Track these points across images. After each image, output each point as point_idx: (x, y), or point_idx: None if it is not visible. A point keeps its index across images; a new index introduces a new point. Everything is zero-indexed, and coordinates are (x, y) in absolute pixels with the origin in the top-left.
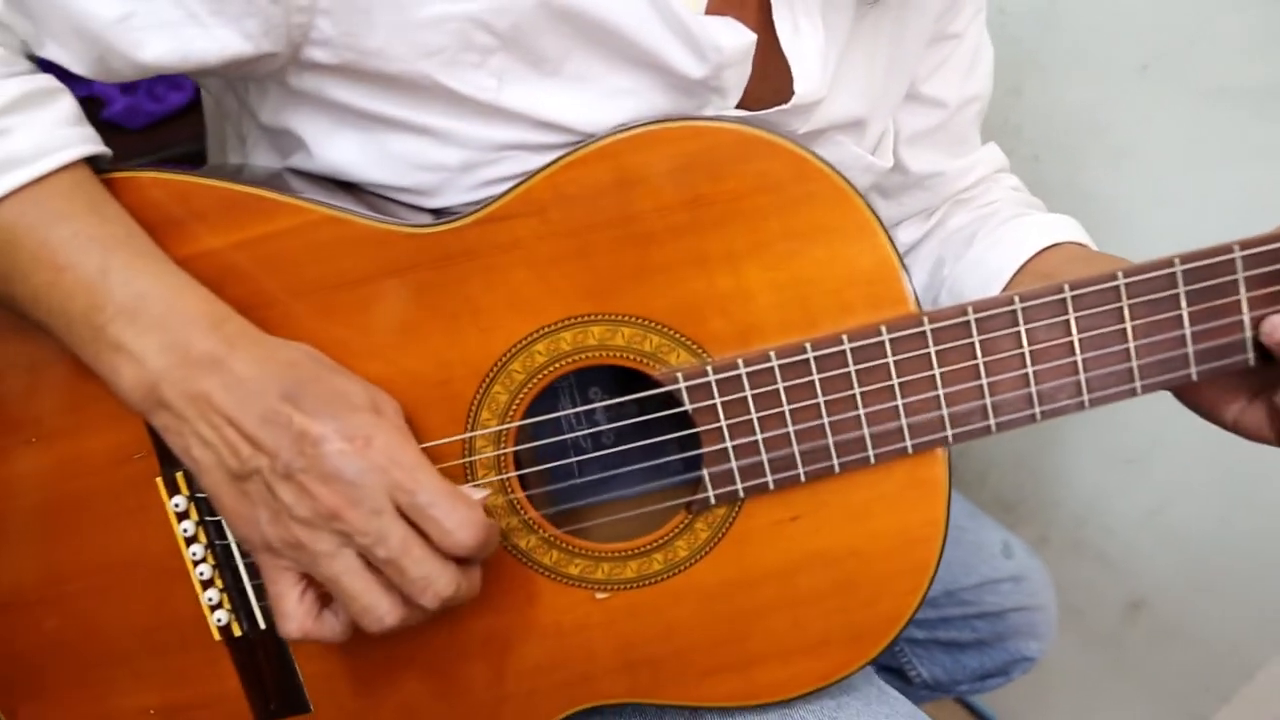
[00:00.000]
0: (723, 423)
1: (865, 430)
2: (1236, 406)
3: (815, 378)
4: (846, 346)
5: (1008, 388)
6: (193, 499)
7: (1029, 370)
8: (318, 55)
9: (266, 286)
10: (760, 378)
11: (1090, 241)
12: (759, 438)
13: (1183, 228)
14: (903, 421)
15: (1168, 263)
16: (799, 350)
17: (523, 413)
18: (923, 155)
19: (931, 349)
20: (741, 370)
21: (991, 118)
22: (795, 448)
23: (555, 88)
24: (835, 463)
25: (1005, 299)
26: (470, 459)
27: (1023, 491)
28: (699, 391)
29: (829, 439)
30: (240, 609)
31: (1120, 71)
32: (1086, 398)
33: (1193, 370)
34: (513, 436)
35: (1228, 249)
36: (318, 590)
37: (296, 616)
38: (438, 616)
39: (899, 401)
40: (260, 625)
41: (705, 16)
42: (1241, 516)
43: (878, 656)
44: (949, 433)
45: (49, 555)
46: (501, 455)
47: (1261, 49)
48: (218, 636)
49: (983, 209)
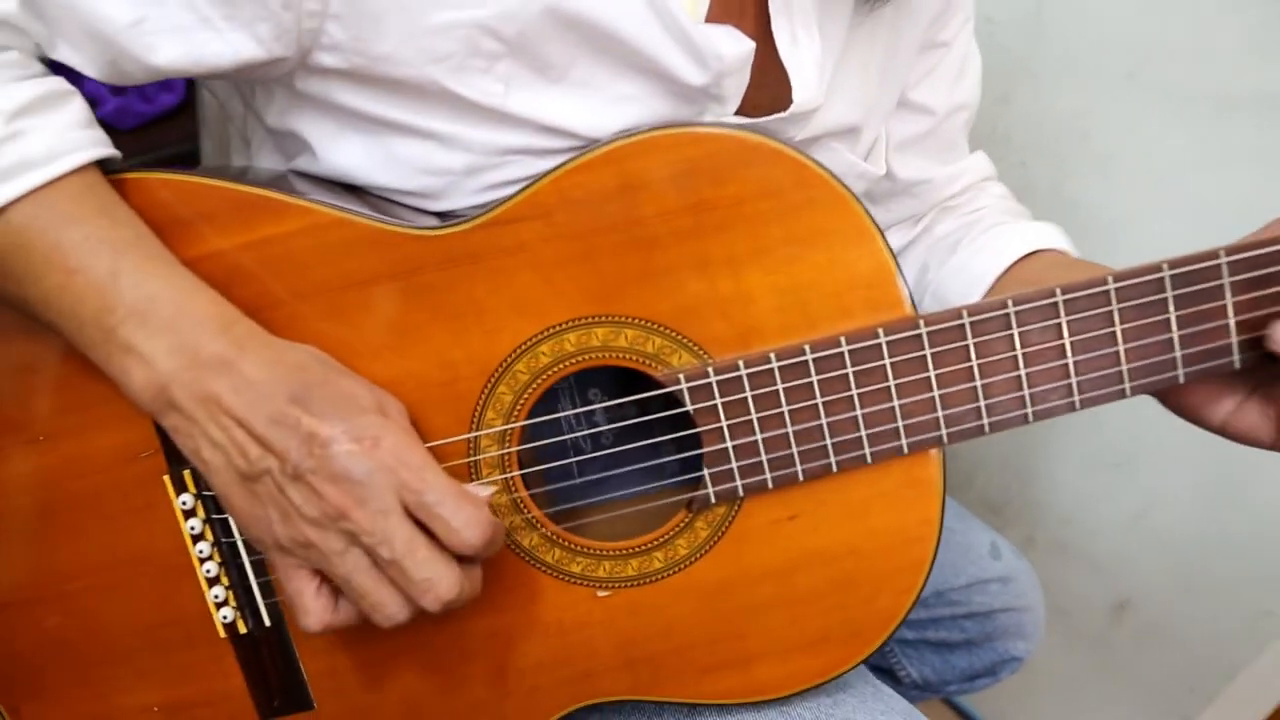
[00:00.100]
0: (723, 423)
1: (862, 430)
2: (1226, 409)
3: (814, 379)
4: (845, 349)
5: (1001, 389)
6: (200, 497)
7: (1022, 372)
8: (327, 60)
9: (273, 287)
10: (760, 379)
11: (1072, 248)
12: (759, 438)
13: (1169, 233)
14: (899, 422)
15: (1156, 268)
16: (798, 352)
17: (527, 413)
18: (911, 162)
19: (927, 351)
20: (742, 372)
21: (980, 125)
22: (794, 447)
23: (560, 93)
24: (833, 462)
25: (999, 303)
26: (475, 458)
27: (1009, 494)
28: (700, 392)
29: (827, 439)
30: (246, 606)
31: (1107, 79)
32: (1077, 399)
33: (1180, 373)
34: (517, 436)
35: (1214, 254)
36: (331, 584)
37: (315, 610)
38: (442, 615)
39: (895, 403)
40: (265, 622)
41: (706, 25)
42: (1224, 519)
43: (874, 653)
44: (944, 433)
45: (54, 553)
46: (506, 455)
47: (1246, 57)
48: (223, 633)
49: (968, 216)
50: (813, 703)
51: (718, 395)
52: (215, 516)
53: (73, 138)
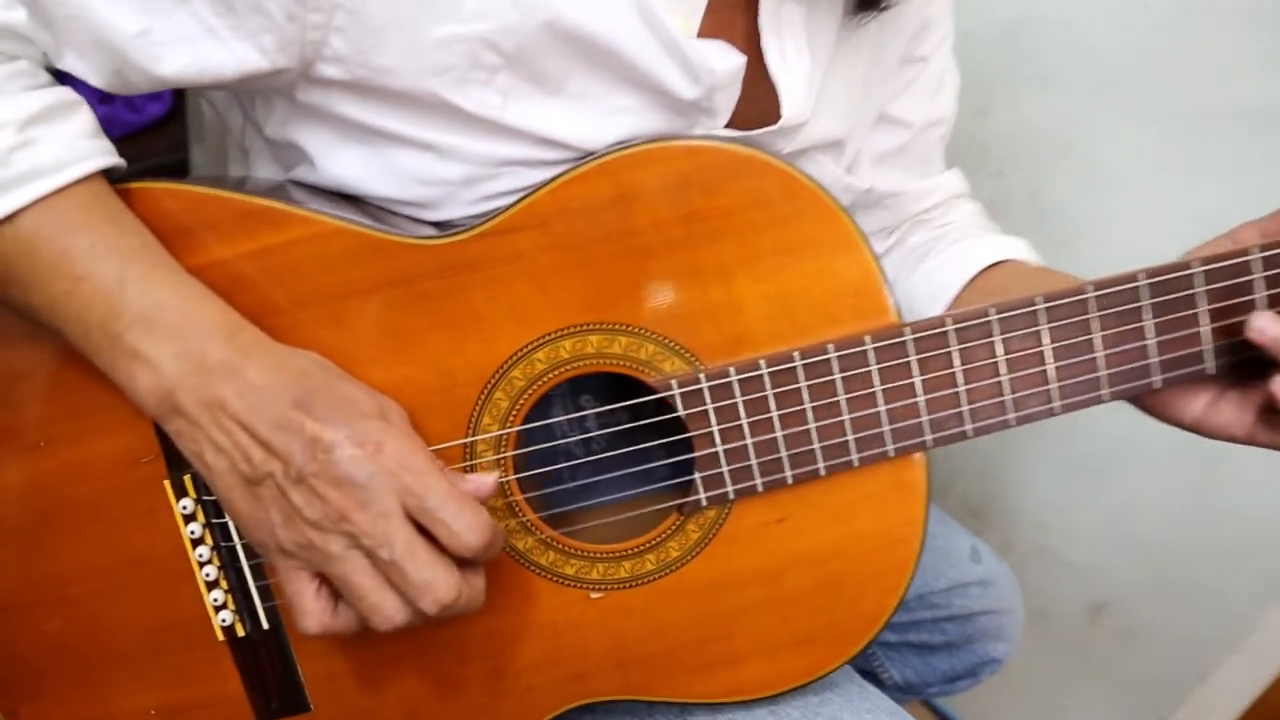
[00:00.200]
0: (714, 428)
1: (850, 435)
2: (1200, 406)
3: (803, 385)
4: (833, 355)
5: (984, 394)
6: (200, 501)
7: (1004, 378)
8: (329, 71)
9: (274, 295)
10: (751, 385)
11: (1037, 259)
12: (749, 442)
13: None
14: (885, 426)
15: (1132, 277)
16: (787, 359)
17: (523, 418)
18: (886, 175)
19: (913, 358)
20: (733, 378)
21: (959, 137)
22: (783, 452)
23: (557, 106)
24: (821, 466)
25: (981, 311)
26: (471, 463)
27: (989, 499)
28: (692, 398)
29: (815, 443)
30: (244, 609)
31: (1083, 92)
32: (1057, 404)
33: (1156, 378)
34: (513, 441)
35: (1187, 265)
36: (331, 587)
37: (314, 613)
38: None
39: (882, 407)
40: (264, 625)
41: (699, 40)
42: (1198, 523)
43: (860, 653)
44: (928, 437)
45: (54, 558)
46: (502, 459)
47: (1216, 72)
48: (221, 636)
49: (938, 229)
50: (800, 701)
51: (709, 401)
52: (215, 521)
53: (81, 147)
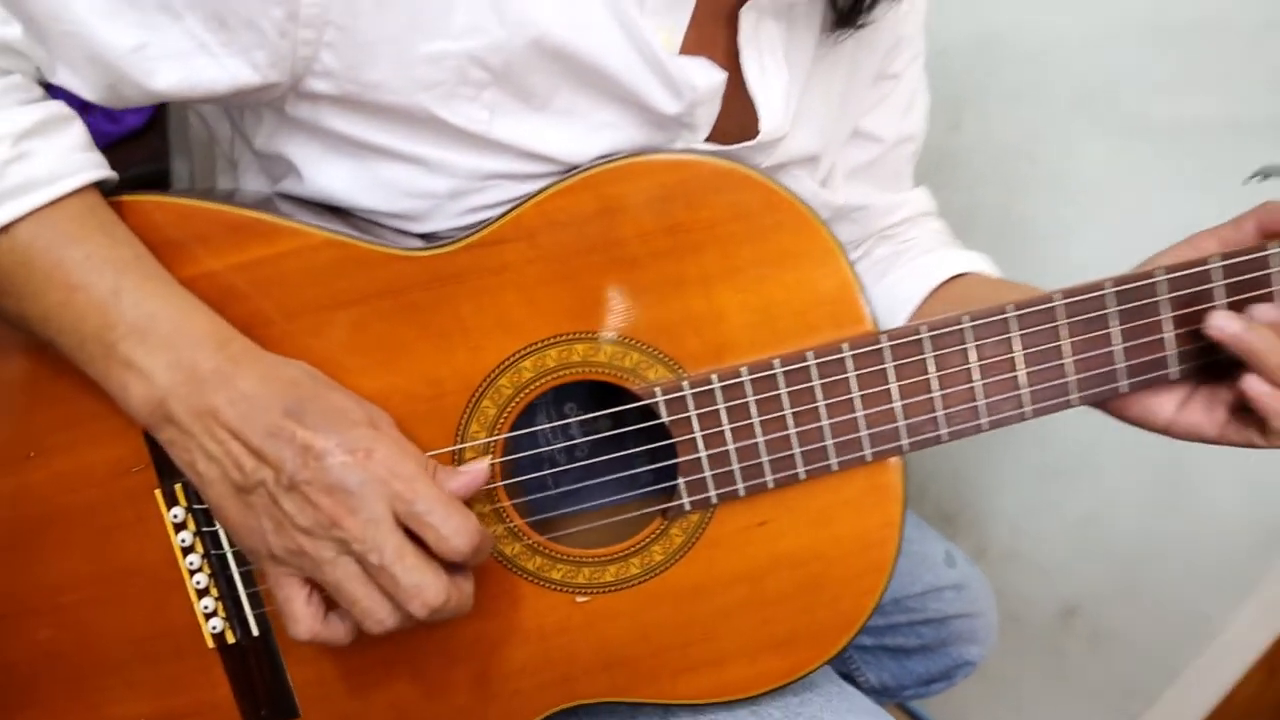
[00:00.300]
0: (697, 434)
1: (829, 440)
2: (1170, 410)
3: (783, 391)
4: (812, 363)
5: (958, 400)
6: (190, 510)
7: (976, 384)
8: (319, 86)
9: (264, 306)
10: (732, 392)
11: (997, 272)
12: (731, 448)
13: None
14: (863, 432)
15: (1099, 285)
16: (768, 366)
17: (510, 425)
18: (855, 188)
19: (889, 364)
20: (715, 385)
21: (931, 150)
22: (764, 457)
23: (542, 121)
24: (801, 470)
25: (954, 319)
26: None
27: (962, 504)
28: (675, 405)
29: (795, 448)
30: (234, 616)
31: (1051, 107)
32: (1029, 409)
33: (1123, 383)
34: (500, 448)
35: (1151, 274)
36: (322, 594)
37: (305, 619)
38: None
39: (859, 413)
40: (253, 632)
41: (681, 57)
42: (1165, 525)
43: (839, 653)
44: (904, 441)
45: (45, 567)
46: (489, 459)
47: (1179, 87)
48: (211, 644)
49: (903, 244)
50: (781, 702)
51: (692, 408)
52: (205, 529)
53: (75, 159)
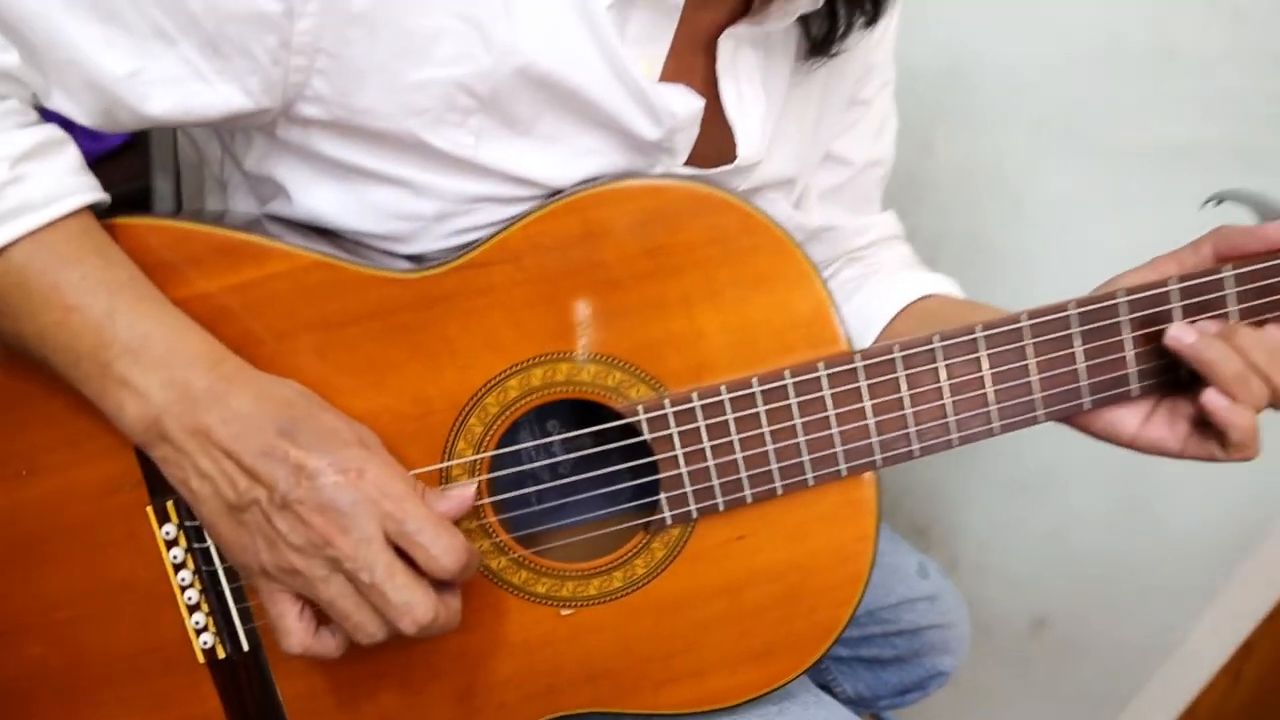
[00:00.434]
0: (678, 450)
1: (805, 456)
2: (1134, 425)
3: (761, 409)
4: (789, 382)
5: (929, 417)
6: (182, 527)
7: (947, 401)
8: (310, 110)
9: (255, 327)
10: (712, 410)
11: (961, 294)
12: (710, 464)
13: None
14: (838, 448)
15: (1063, 306)
16: (747, 385)
17: (496, 443)
18: (825, 211)
19: (862, 383)
20: (696, 403)
21: (902, 169)
22: (743, 473)
23: (527, 146)
24: (778, 485)
25: (925, 339)
26: (447, 487)
27: (934, 517)
28: (657, 422)
29: (773, 464)
30: (225, 631)
31: (1018, 129)
32: (997, 425)
33: (1086, 400)
34: (486, 465)
35: (1113, 295)
36: (313, 608)
37: (296, 632)
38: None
39: (834, 430)
40: (244, 647)
41: (661, 85)
42: (1131, 537)
43: (816, 663)
44: (878, 457)
45: (37, 584)
46: (476, 483)
47: (1138, 114)
48: (202, 659)
49: (871, 266)
50: (760, 711)
51: (673, 425)
52: (197, 545)
53: (70, 182)
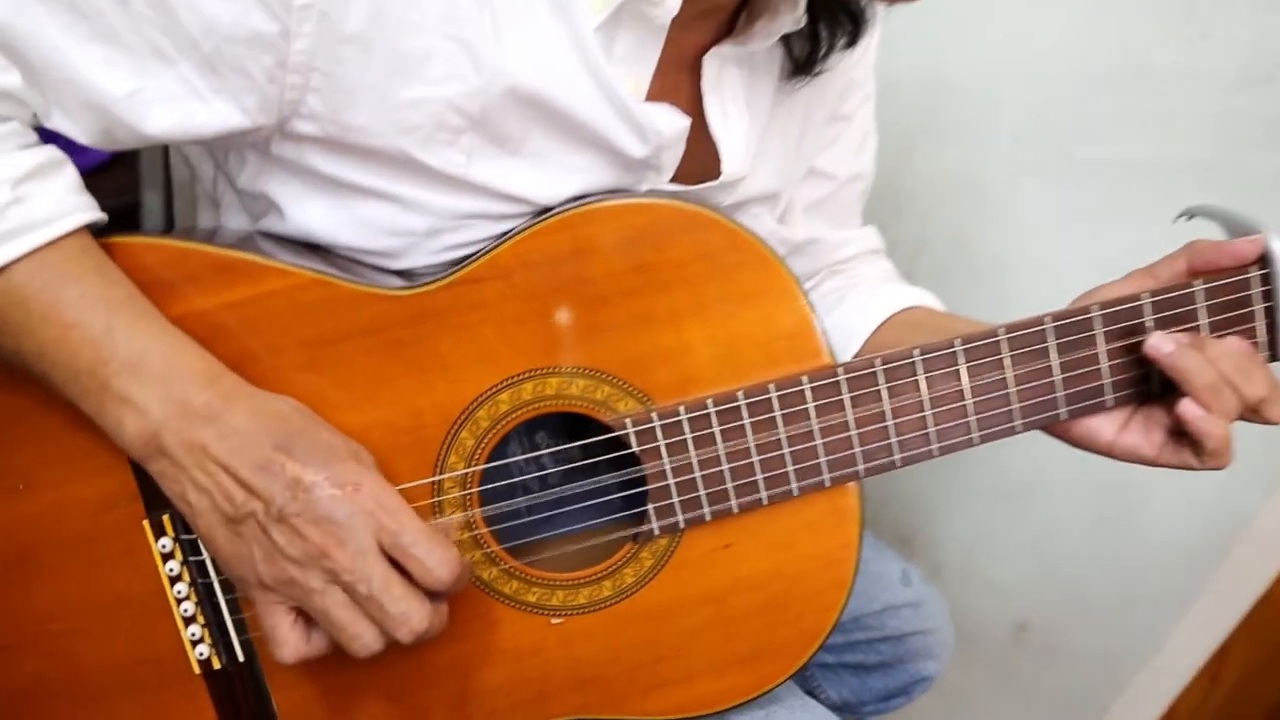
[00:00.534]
0: (666, 462)
1: (789, 467)
2: (1110, 433)
3: (746, 422)
4: (773, 395)
5: (910, 428)
6: (178, 540)
7: (928, 413)
8: (304, 127)
9: (251, 344)
10: (699, 422)
11: (942, 306)
12: (697, 475)
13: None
14: (822, 458)
15: (1039, 320)
16: (732, 398)
17: (487, 456)
18: (808, 224)
19: (845, 396)
20: (682, 416)
21: (885, 179)
22: (729, 483)
23: (517, 164)
24: (764, 495)
25: (906, 353)
26: (439, 498)
27: (917, 525)
28: (645, 435)
29: (758, 475)
30: (220, 643)
31: (995, 141)
32: (976, 435)
33: (1063, 410)
34: (478, 478)
35: (1087, 309)
36: (306, 619)
37: (291, 643)
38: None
39: (818, 441)
40: (239, 658)
41: (647, 104)
42: (1110, 543)
43: (802, 668)
44: (861, 467)
45: (33, 598)
46: (468, 495)
47: (1117, 127)
48: (197, 670)
49: (852, 279)
50: (748, 715)
51: (661, 437)
52: (192, 559)
53: (70, 202)
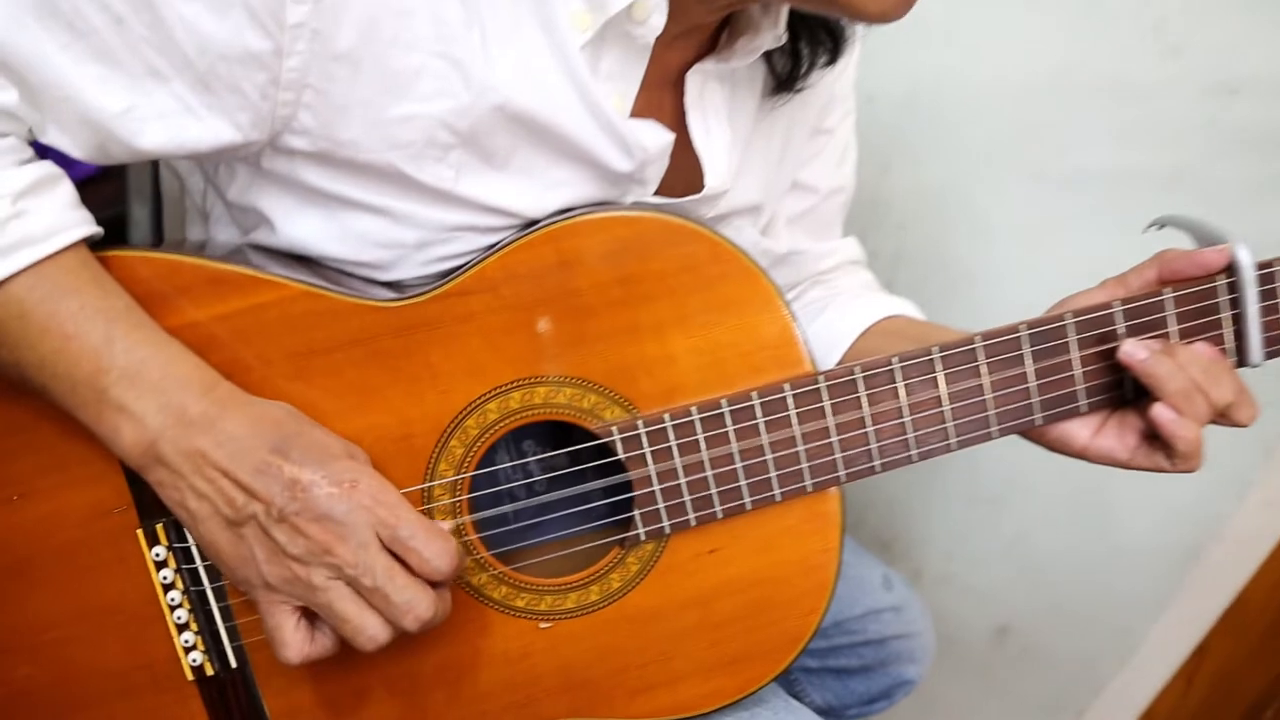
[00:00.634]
0: (651, 469)
1: (772, 473)
2: (1085, 437)
3: (730, 429)
4: (756, 402)
5: (890, 434)
6: (171, 548)
7: (906, 419)
8: (295, 142)
9: (244, 354)
10: (683, 430)
11: (922, 315)
12: (682, 481)
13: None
14: (803, 464)
15: (1015, 329)
16: (716, 406)
17: (476, 464)
18: (791, 236)
19: (826, 403)
20: (667, 424)
21: (864, 192)
22: (713, 489)
23: (504, 179)
24: (747, 501)
25: (885, 360)
26: (429, 506)
27: (898, 531)
28: (631, 442)
29: (742, 481)
30: (213, 649)
31: (971, 154)
32: (954, 441)
33: (1038, 416)
34: (467, 485)
35: (1061, 318)
36: (309, 619)
37: (295, 643)
38: (399, 649)
39: (800, 448)
40: (231, 664)
41: (631, 120)
42: (1087, 546)
43: (786, 670)
44: (842, 473)
45: (27, 606)
46: (457, 502)
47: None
48: (190, 676)
49: (834, 289)
50: (733, 717)
51: (646, 445)
52: (185, 566)
53: (68, 216)
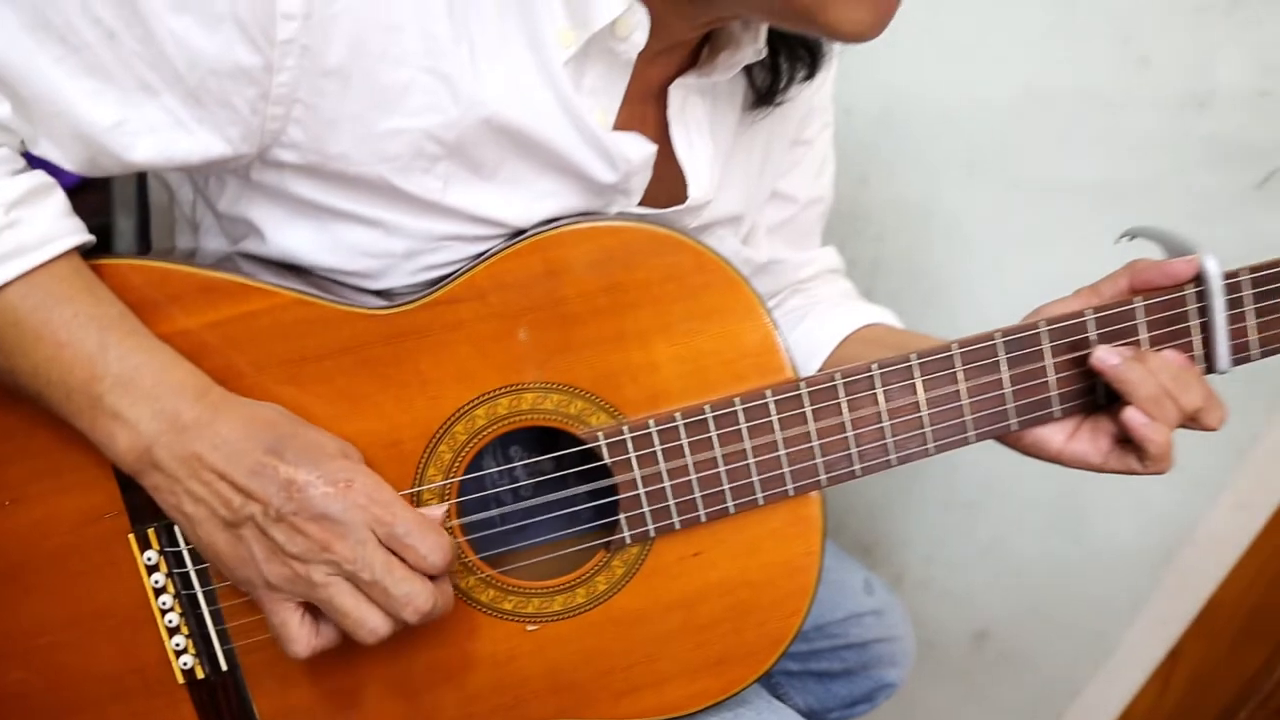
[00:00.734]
0: (636, 473)
1: (755, 477)
2: (1059, 441)
3: (713, 434)
4: (739, 408)
5: (869, 439)
6: (163, 553)
7: (885, 424)
8: (285, 155)
9: (235, 361)
10: (668, 435)
11: (900, 324)
12: (667, 485)
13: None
14: (785, 469)
15: (990, 336)
16: (700, 412)
17: (464, 468)
18: (771, 245)
19: (807, 409)
20: (652, 429)
21: (842, 202)
22: (697, 493)
23: (491, 190)
24: (730, 505)
25: (864, 367)
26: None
27: (878, 535)
28: (616, 447)
29: (725, 485)
30: (204, 653)
31: (948, 166)
32: (932, 445)
33: (1013, 421)
34: (455, 490)
35: (1035, 325)
36: (312, 613)
37: (301, 638)
38: (389, 651)
39: (782, 453)
40: (222, 667)
41: (615, 132)
42: (1063, 549)
43: (768, 671)
44: (823, 477)
45: (18, 611)
46: (445, 507)
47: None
48: (181, 679)
49: (813, 298)
50: (717, 718)
51: (631, 450)
52: (176, 571)
53: (60, 225)
